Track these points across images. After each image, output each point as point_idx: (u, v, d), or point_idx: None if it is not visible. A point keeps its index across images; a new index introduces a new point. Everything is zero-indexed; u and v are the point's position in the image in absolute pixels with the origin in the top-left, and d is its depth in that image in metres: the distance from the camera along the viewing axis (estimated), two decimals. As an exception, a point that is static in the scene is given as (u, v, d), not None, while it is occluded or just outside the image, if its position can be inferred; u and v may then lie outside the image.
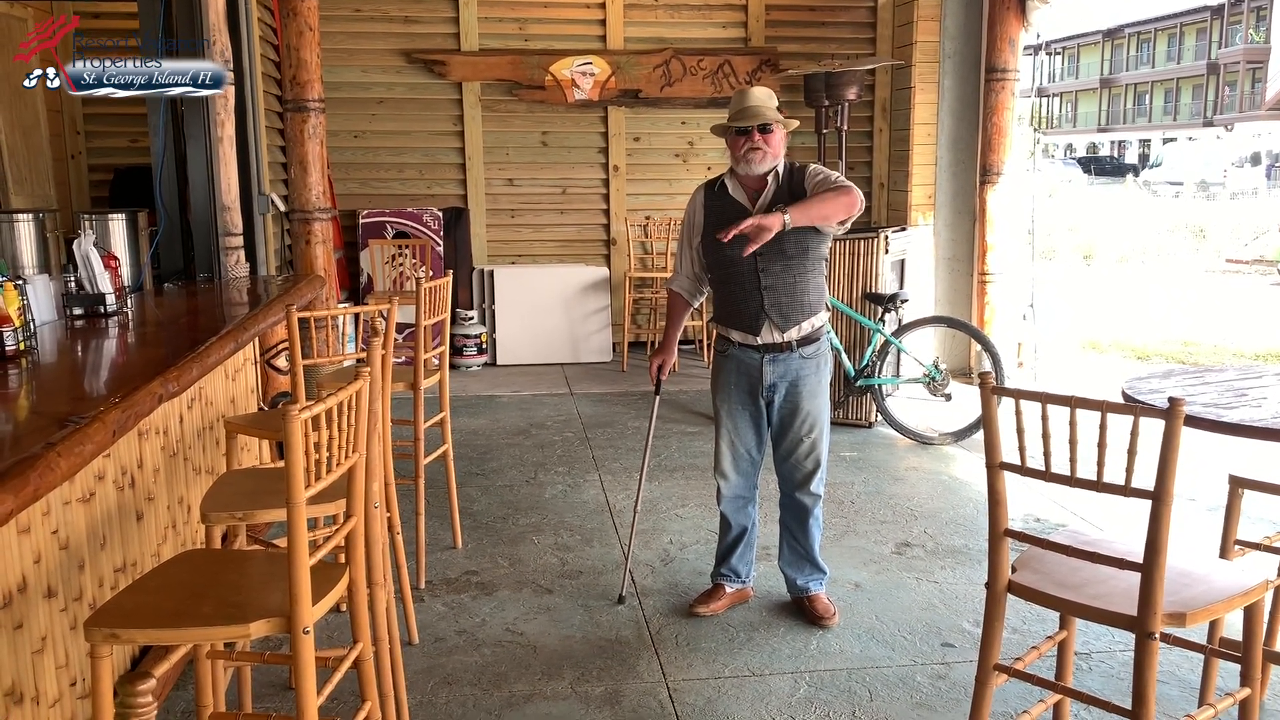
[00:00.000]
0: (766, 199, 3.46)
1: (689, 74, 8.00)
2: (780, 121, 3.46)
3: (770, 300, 3.49)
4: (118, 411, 2.07)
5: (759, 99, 3.47)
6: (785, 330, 3.50)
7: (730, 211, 3.49)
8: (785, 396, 3.57)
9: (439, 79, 8.01)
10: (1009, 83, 7.12)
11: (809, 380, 3.56)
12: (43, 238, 3.95)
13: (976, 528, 4.60)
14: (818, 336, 3.57)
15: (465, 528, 4.52)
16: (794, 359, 3.53)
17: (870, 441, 5.98)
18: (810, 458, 3.61)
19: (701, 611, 3.70)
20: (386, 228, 7.89)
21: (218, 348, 2.87)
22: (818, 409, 3.59)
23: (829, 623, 3.63)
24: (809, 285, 3.52)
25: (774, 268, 3.47)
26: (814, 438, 3.60)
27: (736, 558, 3.79)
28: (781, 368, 3.53)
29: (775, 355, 3.52)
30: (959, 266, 7.56)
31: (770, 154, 3.43)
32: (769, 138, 3.43)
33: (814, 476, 3.64)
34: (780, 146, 3.47)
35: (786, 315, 3.50)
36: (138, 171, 6.57)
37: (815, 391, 3.58)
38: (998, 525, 2.18)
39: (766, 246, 3.38)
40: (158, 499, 3.20)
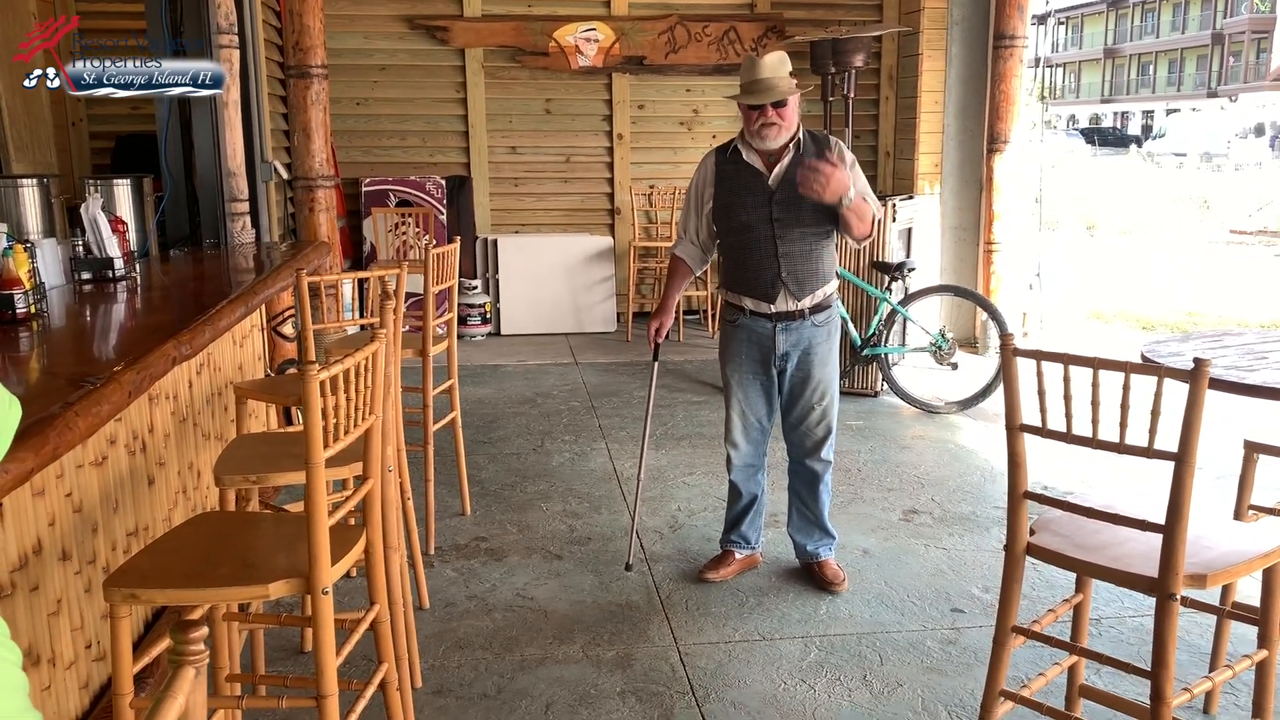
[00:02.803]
0: (785, 167, 3.42)
1: (694, 40, 7.93)
2: (795, 90, 3.40)
3: (787, 268, 3.46)
4: (133, 373, 2.06)
5: (771, 69, 3.39)
6: (800, 299, 3.48)
7: (746, 177, 3.46)
8: (798, 365, 3.55)
9: (441, 45, 7.94)
10: (1017, 50, 7.05)
11: (820, 348, 3.55)
12: (47, 203, 3.93)
13: (984, 495, 4.60)
14: (829, 304, 3.56)
15: (474, 495, 4.52)
16: (806, 327, 3.51)
17: (876, 410, 5.98)
18: (822, 424, 3.61)
19: (711, 577, 3.71)
20: (389, 196, 7.85)
21: (228, 311, 2.86)
22: (829, 376, 3.59)
23: (838, 588, 3.63)
24: (823, 254, 3.51)
25: (791, 235, 3.44)
26: (825, 405, 3.59)
27: (746, 524, 3.78)
28: (794, 336, 3.52)
29: (789, 323, 3.50)
30: (965, 235, 7.53)
31: (785, 128, 3.39)
32: (783, 111, 3.38)
33: (825, 443, 3.64)
34: (794, 116, 3.42)
35: (802, 283, 3.48)
36: (139, 138, 6.52)
37: (826, 359, 3.57)
38: (1017, 487, 2.17)
39: (785, 214, 3.39)
40: (168, 464, 3.19)
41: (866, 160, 8.20)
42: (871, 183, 8.26)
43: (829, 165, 3.22)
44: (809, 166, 3.23)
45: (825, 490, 3.72)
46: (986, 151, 7.21)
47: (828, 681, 3.06)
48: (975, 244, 7.43)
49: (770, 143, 3.40)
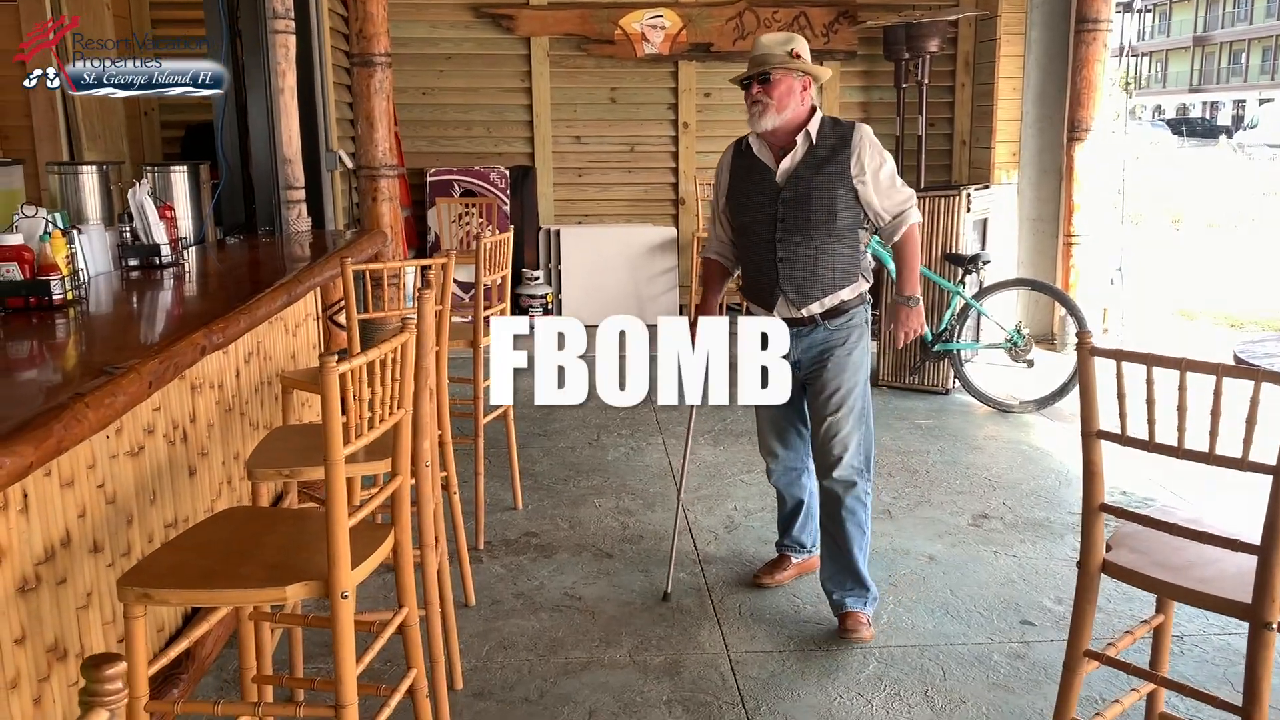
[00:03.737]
0: (794, 161, 3.10)
1: (763, 26, 7.73)
2: (786, 68, 3.04)
3: (786, 274, 3.13)
4: (155, 362, 1.98)
5: (765, 45, 3.09)
6: (801, 307, 3.15)
7: (755, 173, 3.18)
8: (812, 372, 3.21)
9: (507, 34, 7.86)
10: (1101, 34, 6.74)
11: (836, 352, 3.17)
12: (106, 190, 3.92)
13: (1058, 500, 4.38)
14: (848, 309, 3.18)
15: (526, 489, 4.43)
16: (819, 332, 3.17)
17: (947, 409, 5.76)
18: (836, 440, 3.18)
19: (766, 582, 3.55)
20: (454, 186, 7.81)
21: (268, 300, 2.79)
22: (849, 386, 3.18)
23: (854, 636, 3.18)
24: (834, 258, 3.12)
25: (793, 238, 3.12)
26: (839, 417, 3.17)
27: (798, 529, 3.57)
28: (805, 342, 3.18)
29: (799, 329, 3.16)
30: (1044, 227, 7.24)
31: (772, 108, 3.04)
32: (769, 89, 3.04)
33: (841, 463, 3.18)
34: (790, 99, 3.06)
35: (803, 291, 3.13)
36: (208, 127, 6.55)
37: (843, 366, 3.17)
38: (1093, 499, 1.99)
39: (790, 214, 3.09)
40: (211, 454, 3.15)
41: (941, 149, 7.95)
42: (945, 171, 8.06)
43: (906, 324, 3.23)
44: (895, 328, 3.25)
45: (852, 522, 3.22)
46: (1067, 140, 6.91)
47: (886, 696, 2.90)
48: (1054, 236, 7.14)
49: (756, 123, 3.09)
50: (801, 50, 3.09)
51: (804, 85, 3.09)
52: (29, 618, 2.05)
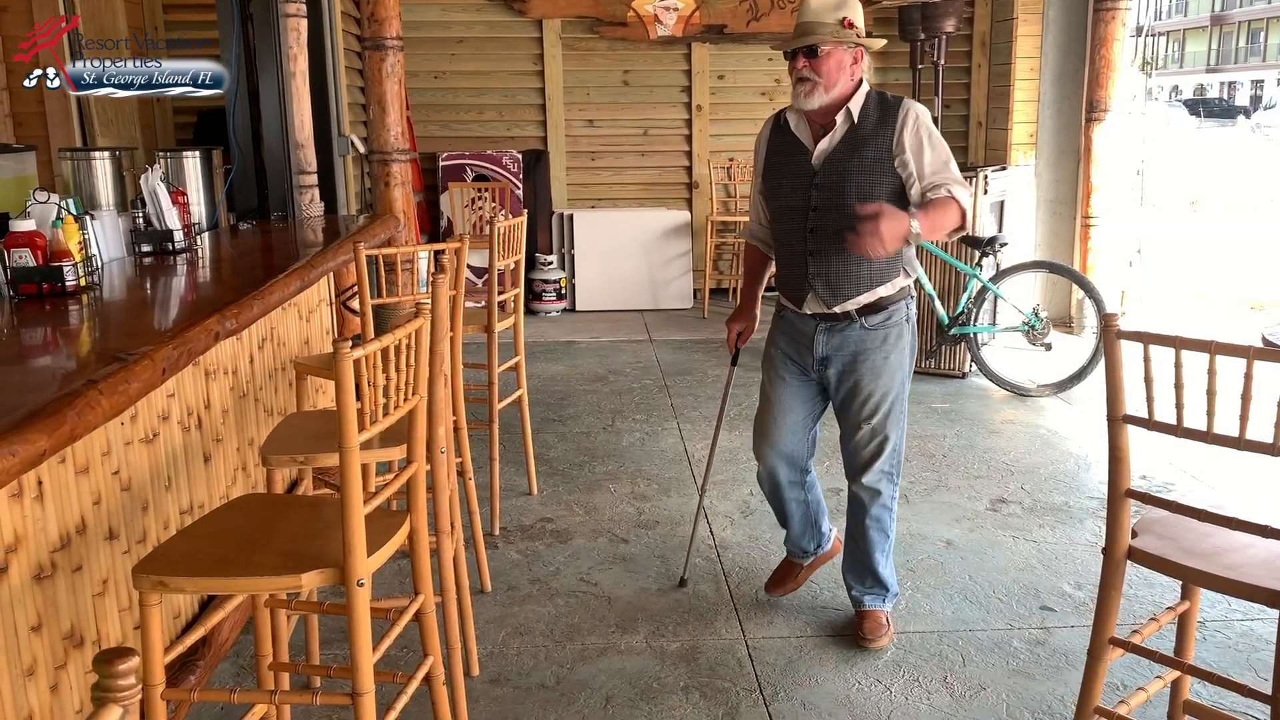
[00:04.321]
0: (834, 141, 2.80)
1: (777, 7, 7.67)
2: (838, 41, 2.71)
3: (816, 268, 2.85)
4: (169, 348, 1.96)
5: (815, 11, 2.74)
6: (832, 304, 2.87)
7: (791, 152, 2.88)
8: (843, 372, 2.94)
9: (519, 16, 7.82)
10: (1120, 13, 6.65)
11: (872, 355, 2.89)
12: (120, 176, 3.91)
13: (1078, 484, 4.34)
14: (887, 305, 2.88)
15: (541, 474, 4.42)
16: (854, 330, 2.88)
17: (964, 392, 5.71)
18: (870, 446, 2.97)
19: (775, 594, 3.34)
20: (466, 170, 7.78)
21: (281, 285, 2.77)
22: (884, 391, 2.92)
23: (872, 644, 3.04)
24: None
25: (827, 228, 2.79)
26: (874, 424, 2.94)
27: (800, 538, 3.30)
28: (838, 339, 2.90)
29: (832, 324, 2.90)
30: (1061, 209, 7.16)
31: (821, 86, 2.73)
32: (818, 64, 2.72)
33: (871, 468, 2.99)
34: (840, 74, 2.74)
35: (835, 288, 2.85)
36: (220, 113, 6.53)
37: (880, 369, 2.90)
38: (1119, 485, 1.96)
39: (825, 201, 2.79)
40: (226, 440, 3.14)
41: (957, 130, 7.87)
42: (961, 153, 7.97)
43: (870, 214, 2.57)
44: (859, 219, 2.61)
45: (877, 528, 3.06)
46: (1085, 121, 6.83)
47: (905, 682, 2.87)
48: (1072, 218, 7.07)
49: (803, 102, 2.77)
50: (854, 17, 2.75)
51: (855, 58, 2.77)
52: (45, 605, 2.05)
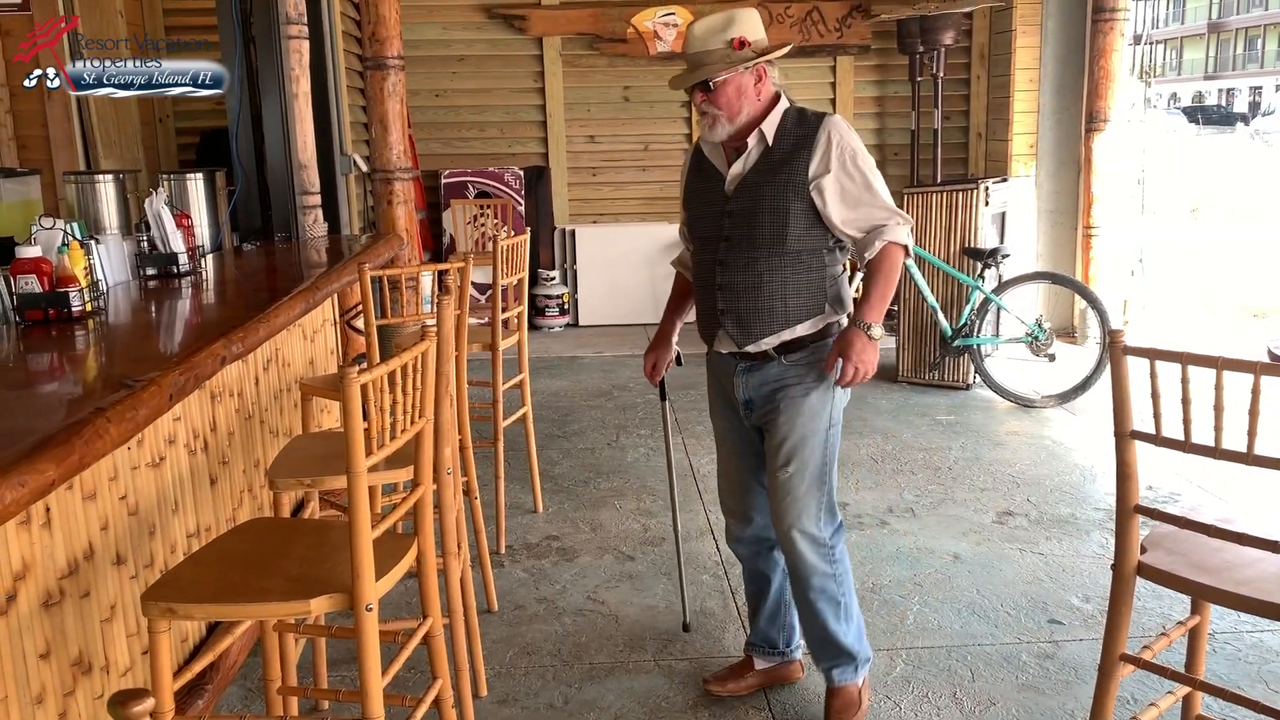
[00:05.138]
0: (747, 165, 2.52)
1: (775, 22, 7.69)
2: (730, 66, 2.42)
3: (726, 303, 2.57)
4: (175, 374, 1.97)
5: (698, 40, 2.46)
6: (743, 343, 2.57)
7: (707, 176, 2.61)
8: (764, 414, 2.62)
9: (520, 34, 7.85)
10: (1118, 23, 6.67)
11: (790, 391, 2.56)
12: (124, 198, 3.92)
13: (1084, 496, 4.33)
14: (808, 343, 2.57)
15: (546, 491, 4.42)
16: (773, 367, 2.58)
17: (968, 404, 5.71)
18: (789, 499, 2.58)
19: (715, 690, 2.88)
20: (468, 187, 7.80)
21: (287, 308, 2.78)
22: (804, 433, 2.56)
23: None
24: (786, 288, 2.51)
25: (736, 260, 2.54)
26: (792, 471, 2.56)
27: (766, 619, 2.90)
28: (757, 379, 2.61)
29: (750, 364, 2.61)
30: (1062, 219, 7.18)
31: (723, 117, 2.47)
32: (715, 97, 2.45)
33: (794, 525, 2.58)
34: (742, 99, 2.46)
35: (746, 326, 2.55)
36: (223, 134, 6.56)
37: (799, 408, 2.55)
38: (1127, 501, 1.96)
39: (737, 230, 2.52)
40: (232, 463, 3.14)
41: (957, 142, 7.89)
42: (961, 165, 7.99)
43: (859, 357, 2.43)
44: (844, 361, 2.46)
45: (823, 598, 2.64)
46: (1085, 131, 6.85)
47: (915, 698, 2.87)
48: (1073, 228, 7.08)
49: (710, 136, 2.52)
50: (748, 33, 2.45)
51: (759, 76, 2.48)
52: (53, 632, 2.05)
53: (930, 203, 5.96)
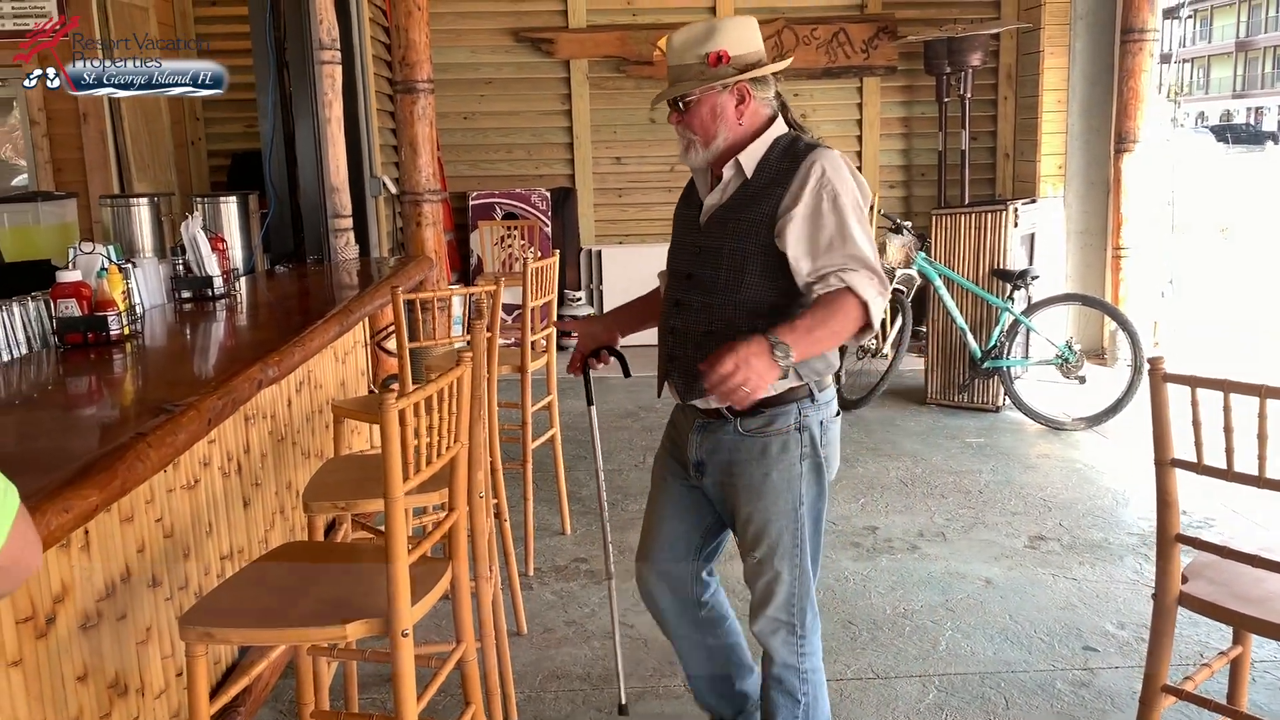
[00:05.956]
0: (723, 197, 2.20)
1: (801, 44, 7.72)
2: (705, 83, 2.13)
3: (674, 349, 2.27)
4: (214, 399, 1.99)
5: (675, 53, 2.18)
6: (687, 397, 2.26)
7: (689, 203, 2.34)
8: (718, 484, 2.28)
9: (547, 57, 7.91)
10: (1147, 43, 6.64)
11: (748, 470, 2.20)
12: (158, 221, 3.97)
13: (1116, 520, 4.28)
14: (766, 408, 2.16)
15: (574, 513, 4.41)
16: (728, 433, 2.21)
17: (998, 427, 5.67)
18: (755, 585, 2.30)
19: None
20: (495, 209, 7.85)
21: (321, 331, 2.80)
22: (767, 518, 2.21)
23: None
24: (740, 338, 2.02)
25: (692, 302, 2.22)
26: (759, 558, 2.25)
27: (705, 692, 2.59)
28: (711, 442, 2.25)
29: (706, 422, 2.26)
30: (1091, 240, 7.13)
31: (697, 141, 2.18)
32: (688, 117, 2.17)
33: (758, 613, 2.30)
34: (719, 122, 2.16)
35: (691, 378, 2.17)
36: (254, 156, 6.65)
37: (760, 489, 2.20)
38: (1168, 529, 1.93)
39: (701, 269, 2.21)
40: (265, 484, 3.16)
41: (984, 163, 7.87)
42: (989, 185, 7.97)
43: (724, 363, 1.94)
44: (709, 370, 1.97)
45: (779, 691, 2.34)
46: (1114, 152, 6.82)
47: (948, 726, 2.84)
48: (1102, 249, 7.03)
49: (685, 160, 2.25)
50: (730, 44, 2.14)
51: (741, 96, 2.15)
52: (91, 654, 2.06)
53: (958, 224, 5.94)
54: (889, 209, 7.54)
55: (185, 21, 7.30)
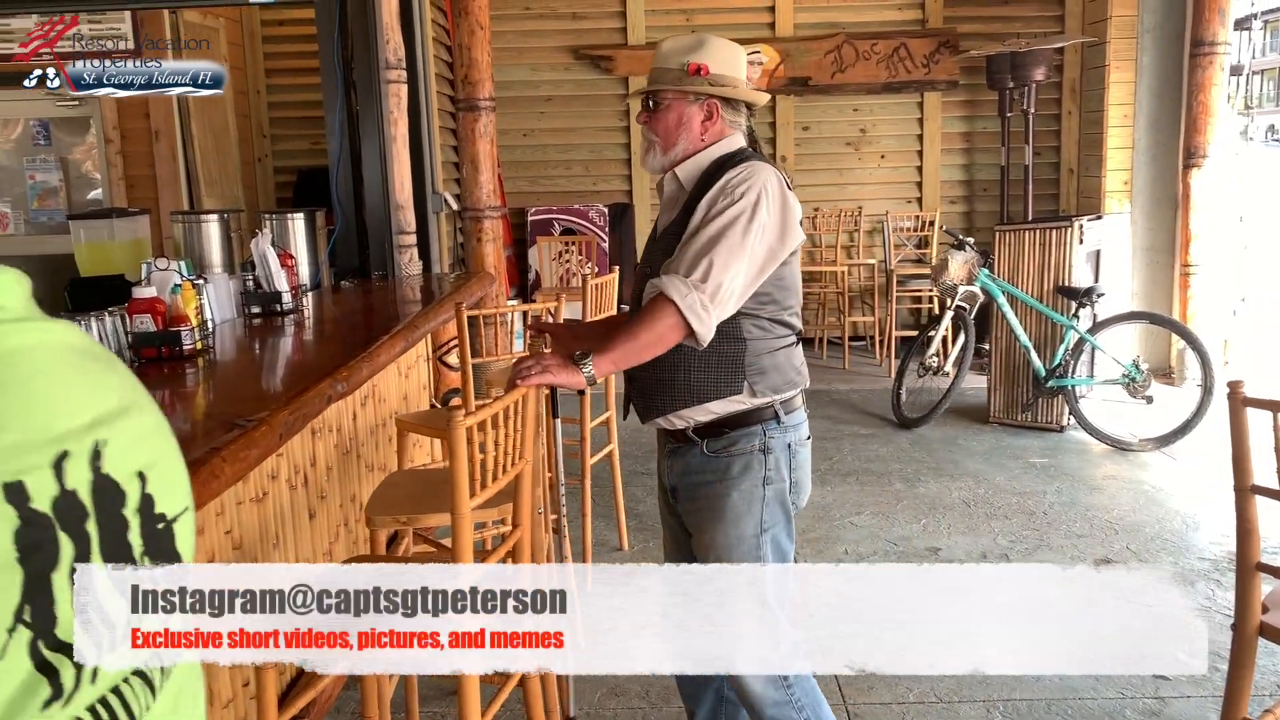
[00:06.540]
0: (670, 216, 2.21)
1: (861, 59, 7.68)
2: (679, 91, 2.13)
3: (632, 369, 2.17)
4: (286, 414, 2.02)
5: (661, 56, 2.18)
6: (645, 417, 2.22)
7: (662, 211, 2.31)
8: (685, 508, 2.24)
9: (605, 74, 7.96)
10: (1217, 57, 6.50)
11: (710, 490, 2.15)
12: (227, 237, 4.07)
13: (1186, 545, 4.18)
14: (728, 429, 2.13)
15: (631, 529, 4.41)
16: (694, 455, 2.17)
17: (1062, 447, 5.57)
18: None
19: None
20: (553, 225, 7.90)
21: (388, 347, 2.83)
22: (724, 542, 2.14)
23: None
24: (691, 358, 2.08)
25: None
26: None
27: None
28: (680, 464, 2.22)
29: (675, 444, 2.22)
30: (1158, 257, 6.98)
31: (658, 145, 2.18)
32: (654, 119, 2.17)
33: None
34: (681, 132, 2.15)
35: (649, 396, 2.18)
36: (319, 173, 6.78)
37: (719, 510, 2.13)
38: (1248, 558, 1.88)
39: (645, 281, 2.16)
40: (330, 497, 3.20)
41: (1048, 179, 7.76)
42: (1052, 201, 7.85)
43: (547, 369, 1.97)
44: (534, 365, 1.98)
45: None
46: (1182, 167, 6.67)
47: (1013, 753, 2.78)
48: (1170, 266, 6.88)
49: (644, 163, 2.26)
50: (712, 60, 2.13)
51: (709, 112, 2.15)
52: (163, 663, 2.10)
53: (1022, 241, 5.86)
54: (950, 224, 7.47)
55: (254, 41, 7.48)
